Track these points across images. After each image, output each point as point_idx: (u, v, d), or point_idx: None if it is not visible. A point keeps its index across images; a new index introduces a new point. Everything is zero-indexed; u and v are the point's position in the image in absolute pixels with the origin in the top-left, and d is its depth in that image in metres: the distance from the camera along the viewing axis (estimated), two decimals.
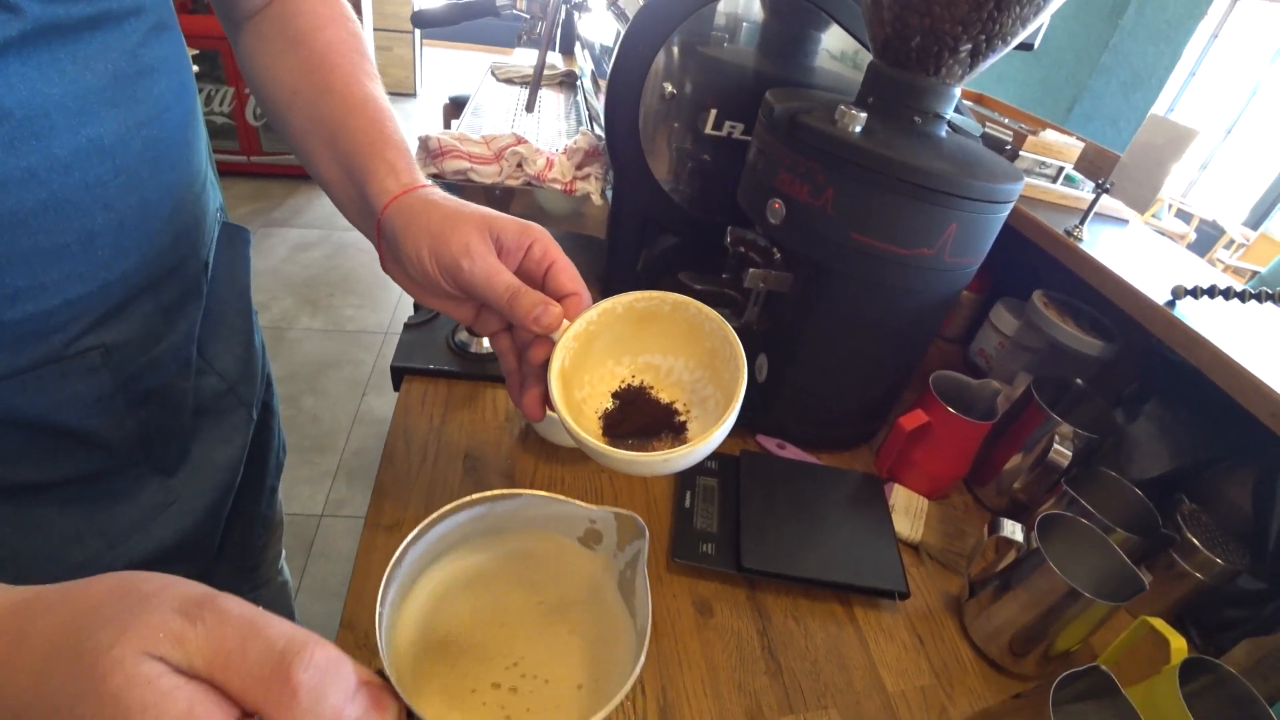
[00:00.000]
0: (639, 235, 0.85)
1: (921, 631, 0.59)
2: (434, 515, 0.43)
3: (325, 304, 2.48)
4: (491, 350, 0.77)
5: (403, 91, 4.91)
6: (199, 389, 0.58)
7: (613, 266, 0.89)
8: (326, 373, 2.18)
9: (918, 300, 0.63)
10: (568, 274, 0.45)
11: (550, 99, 1.34)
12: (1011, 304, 0.90)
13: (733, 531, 0.61)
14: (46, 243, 0.38)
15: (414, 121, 4.53)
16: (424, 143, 0.84)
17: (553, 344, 0.44)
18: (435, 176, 0.83)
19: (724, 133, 0.76)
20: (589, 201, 0.85)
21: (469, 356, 0.78)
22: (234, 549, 0.71)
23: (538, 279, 0.46)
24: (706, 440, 0.40)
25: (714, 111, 0.74)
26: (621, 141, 0.75)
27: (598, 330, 0.46)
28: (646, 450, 0.44)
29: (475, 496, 0.44)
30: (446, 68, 5.87)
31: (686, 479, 0.66)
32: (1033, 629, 0.54)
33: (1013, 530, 0.56)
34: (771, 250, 0.71)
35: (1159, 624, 0.51)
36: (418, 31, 4.76)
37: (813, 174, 0.58)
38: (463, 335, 0.79)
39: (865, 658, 0.56)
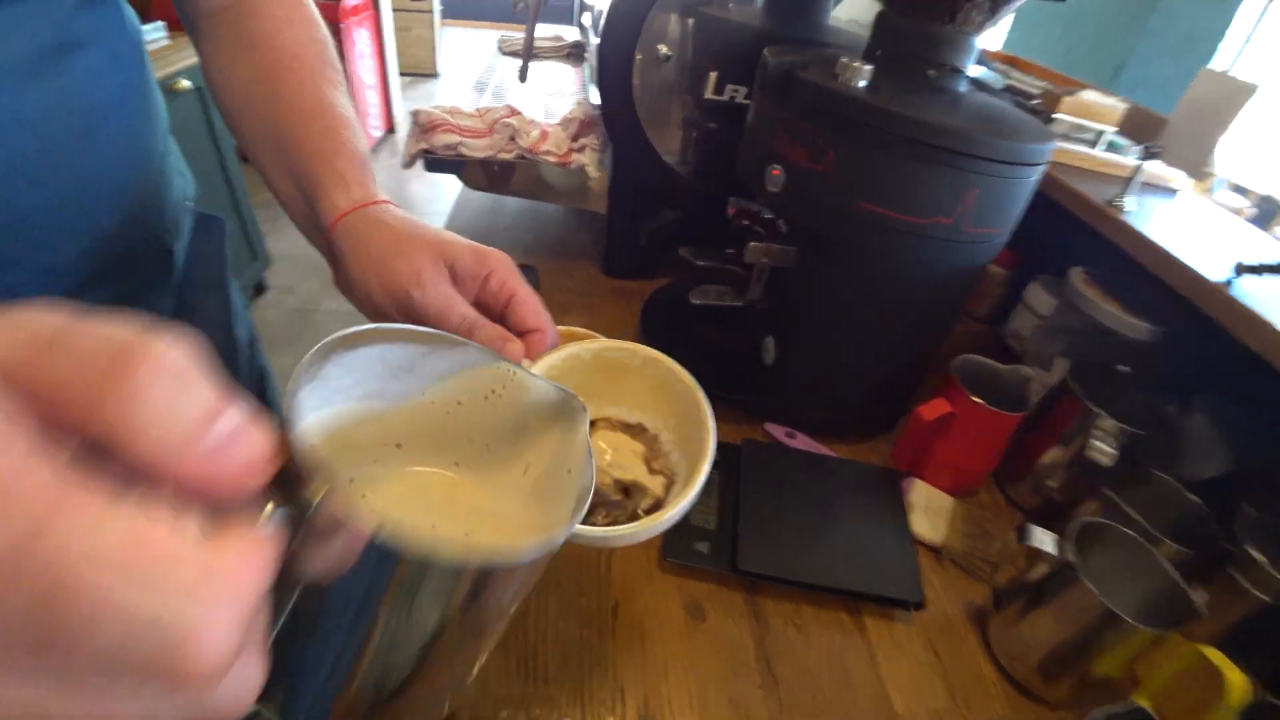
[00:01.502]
0: (639, 209, 0.80)
1: (939, 646, 0.53)
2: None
3: None
4: None
5: (424, 72, 4.91)
6: None
7: (612, 243, 0.84)
8: None
9: (935, 276, 0.57)
10: (529, 307, 0.41)
11: (561, 72, 1.29)
12: (1048, 282, 0.83)
13: (730, 529, 0.56)
14: None
15: (436, 102, 4.55)
16: (414, 117, 0.80)
17: None
18: (426, 152, 0.80)
19: (726, 98, 0.70)
20: (589, 176, 0.80)
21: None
22: None
23: (496, 312, 0.42)
24: (650, 524, 0.36)
25: (714, 75, 0.68)
26: (616, 109, 0.70)
27: (560, 377, 0.42)
28: (592, 517, 0.41)
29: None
30: (467, 47, 5.85)
31: None
32: (1066, 651, 0.48)
33: (1044, 540, 0.49)
34: (776, 222, 0.65)
35: (1214, 655, 0.44)
36: (437, 11, 4.75)
37: (811, 135, 0.52)
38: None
39: (873, 673, 0.50)
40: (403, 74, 4.14)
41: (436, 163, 0.80)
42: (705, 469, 0.37)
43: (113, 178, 0.45)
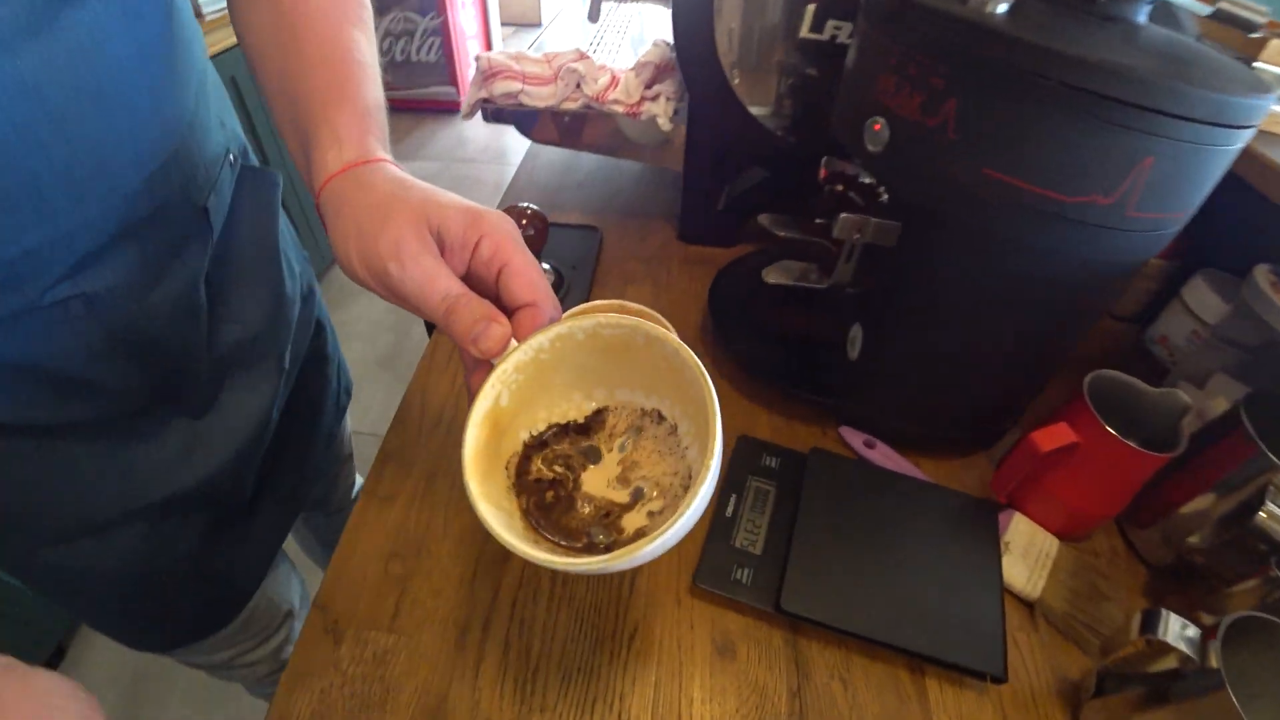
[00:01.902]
0: (718, 167, 0.70)
1: None
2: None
3: None
4: None
5: (528, 22, 4.83)
6: (220, 337, 0.55)
7: (688, 206, 0.75)
8: None
9: (1077, 270, 0.44)
10: (523, 279, 0.36)
11: (654, 13, 1.18)
12: (1216, 279, 0.66)
13: (779, 557, 0.48)
14: None
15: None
16: (477, 63, 0.73)
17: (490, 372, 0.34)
18: (485, 101, 0.73)
19: (826, 36, 0.58)
20: (662, 128, 0.71)
21: None
22: (285, 491, 0.68)
23: (490, 284, 0.36)
24: (633, 554, 0.29)
25: (812, 7, 0.57)
26: (693, 51, 0.60)
27: (553, 360, 0.36)
28: (575, 544, 0.35)
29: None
30: None
31: (735, 480, 0.53)
32: None
33: (1180, 636, 0.38)
34: (876, 190, 0.54)
35: None
36: None
37: (927, 77, 0.40)
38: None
39: None
40: (506, 24, 4.08)
41: (497, 113, 0.73)
42: (702, 492, 0.29)
43: (133, 141, 0.42)
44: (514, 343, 0.35)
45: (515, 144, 3.14)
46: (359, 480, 0.94)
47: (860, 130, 0.48)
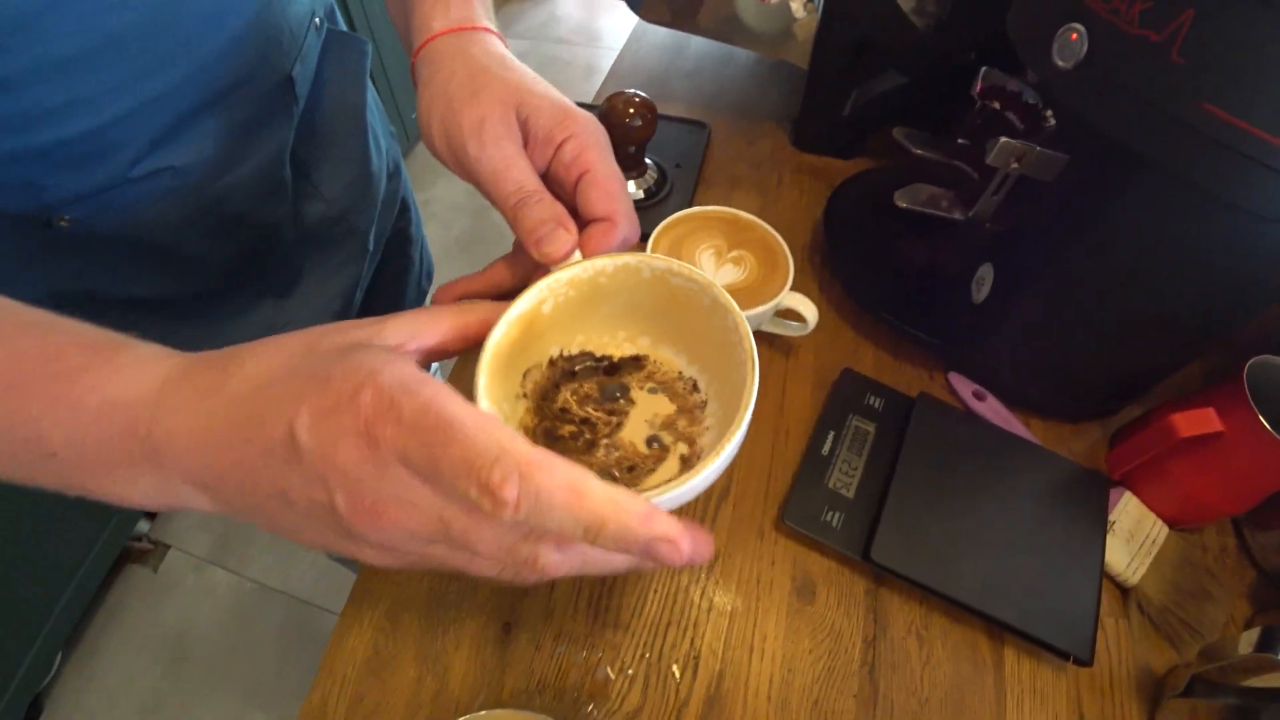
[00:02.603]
0: (852, 65, 0.63)
1: (1088, 710, 0.42)
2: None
3: None
4: (635, 196, 0.63)
5: None
6: (304, 214, 0.55)
7: (810, 106, 0.68)
8: None
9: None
10: (603, 190, 0.33)
11: None
12: None
13: (873, 505, 0.46)
14: (69, 48, 0.35)
15: None
16: None
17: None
18: None
19: None
20: (794, 17, 0.63)
21: None
22: None
23: (569, 188, 0.34)
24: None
25: None
26: None
27: (611, 288, 0.33)
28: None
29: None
30: None
31: (835, 416, 0.50)
32: None
33: None
34: (1042, 113, 0.48)
35: None
36: None
37: None
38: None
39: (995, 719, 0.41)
40: None
41: None
42: (692, 483, 0.27)
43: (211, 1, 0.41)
44: (578, 255, 0.33)
45: (610, 26, 2.92)
46: (434, 367, 0.96)
47: (1048, 38, 0.41)
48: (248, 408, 0.23)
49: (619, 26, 2.89)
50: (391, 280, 0.71)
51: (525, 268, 0.35)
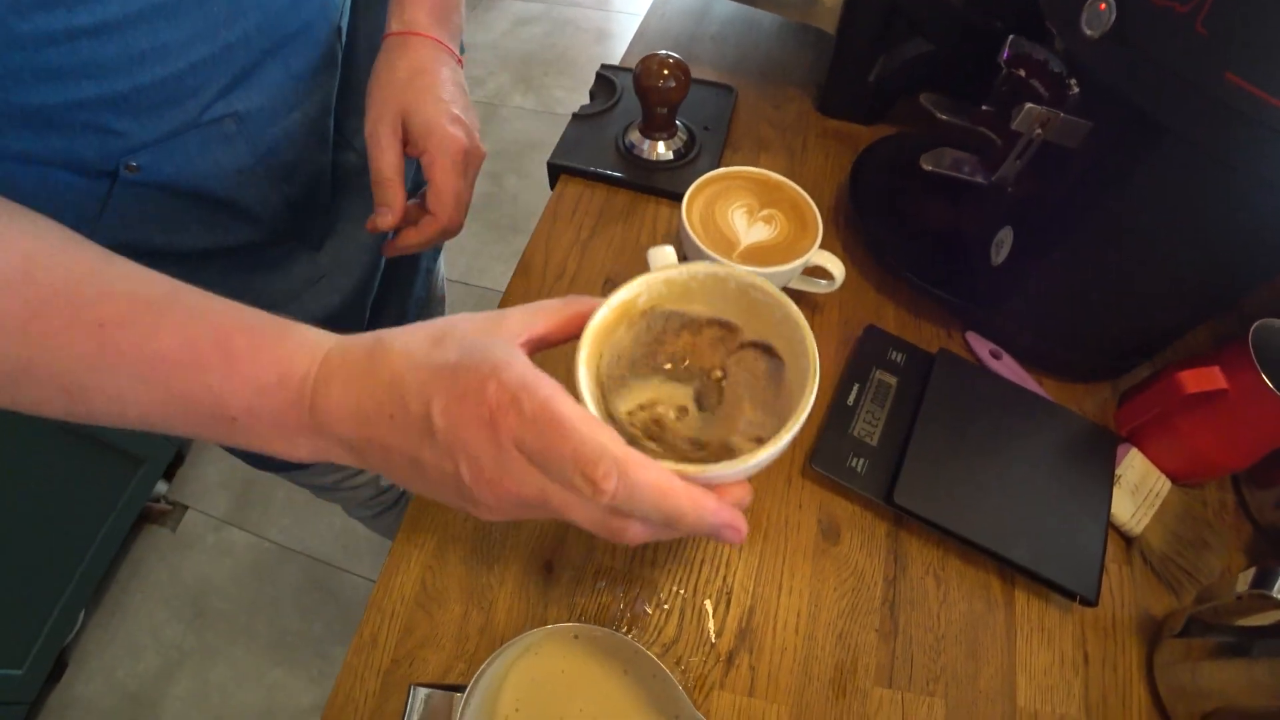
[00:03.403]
0: (880, 32, 0.64)
1: (1092, 648, 0.45)
2: None
3: (539, 83, 2.38)
4: (665, 157, 0.65)
5: None
6: (339, 164, 0.57)
7: (836, 73, 0.69)
8: (531, 154, 2.14)
9: None
10: (435, 194, 0.48)
11: None
12: None
13: (895, 452, 0.48)
14: None
15: None
16: None
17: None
18: None
19: None
20: None
21: (637, 162, 0.66)
22: (386, 326, 0.72)
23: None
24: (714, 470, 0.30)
25: None
26: None
27: (699, 292, 0.37)
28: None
29: None
30: None
31: (859, 369, 0.52)
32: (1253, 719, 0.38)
33: None
34: (1067, 81, 0.49)
35: None
36: None
37: None
38: (633, 135, 0.66)
39: (1006, 655, 0.44)
40: None
41: None
42: (764, 455, 0.30)
43: None
44: (673, 257, 0.42)
45: None
46: None
47: (1077, 7, 0.42)
48: (391, 391, 0.28)
49: None
50: None
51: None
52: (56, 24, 0.35)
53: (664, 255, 0.42)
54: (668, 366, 0.37)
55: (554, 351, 0.34)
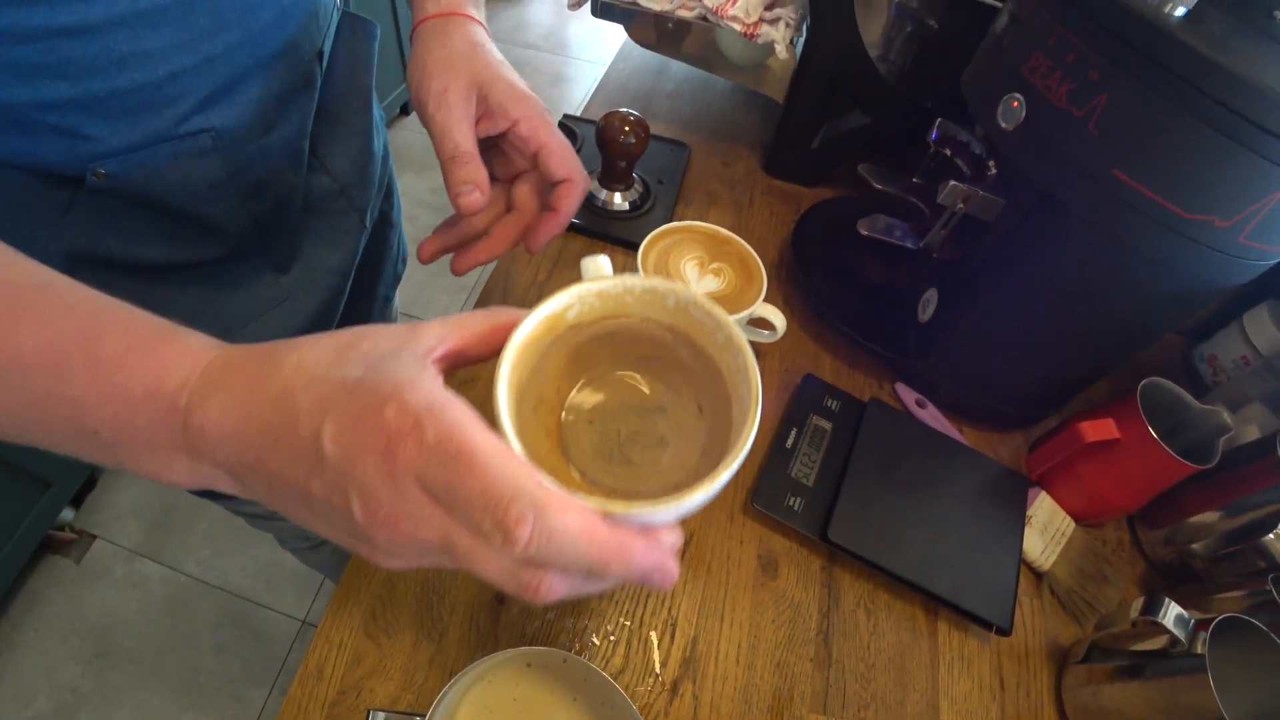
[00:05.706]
0: (823, 103, 0.69)
1: (1007, 675, 0.49)
2: None
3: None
4: (621, 208, 0.68)
5: None
6: (310, 187, 0.57)
7: (783, 135, 0.74)
8: None
9: (1173, 282, 0.46)
10: (558, 158, 0.42)
11: None
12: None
13: (829, 492, 0.52)
14: (144, 3, 0.37)
15: None
16: None
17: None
18: None
19: None
20: (774, 54, 0.69)
21: (596, 210, 0.69)
22: None
23: (527, 159, 0.44)
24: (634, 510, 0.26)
25: None
26: None
27: (635, 306, 0.34)
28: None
29: None
30: None
31: (798, 414, 0.56)
32: None
33: (1176, 619, 0.42)
34: (986, 162, 0.55)
35: None
36: None
37: (1085, 67, 0.41)
38: (593, 185, 0.70)
39: (930, 682, 0.47)
40: None
41: (606, 8, 0.71)
42: (708, 490, 0.27)
43: None
44: (609, 269, 0.36)
45: (578, 36, 2.98)
46: None
47: (995, 101, 0.48)
48: (279, 410, 0.24)
49: (586, 36, 2.96)
50: (372, 261, 0.72)
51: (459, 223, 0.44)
52: (36, 20, 0.34)
53: (598, 265, 0.36)
54: (599, 395, 0.35)
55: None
